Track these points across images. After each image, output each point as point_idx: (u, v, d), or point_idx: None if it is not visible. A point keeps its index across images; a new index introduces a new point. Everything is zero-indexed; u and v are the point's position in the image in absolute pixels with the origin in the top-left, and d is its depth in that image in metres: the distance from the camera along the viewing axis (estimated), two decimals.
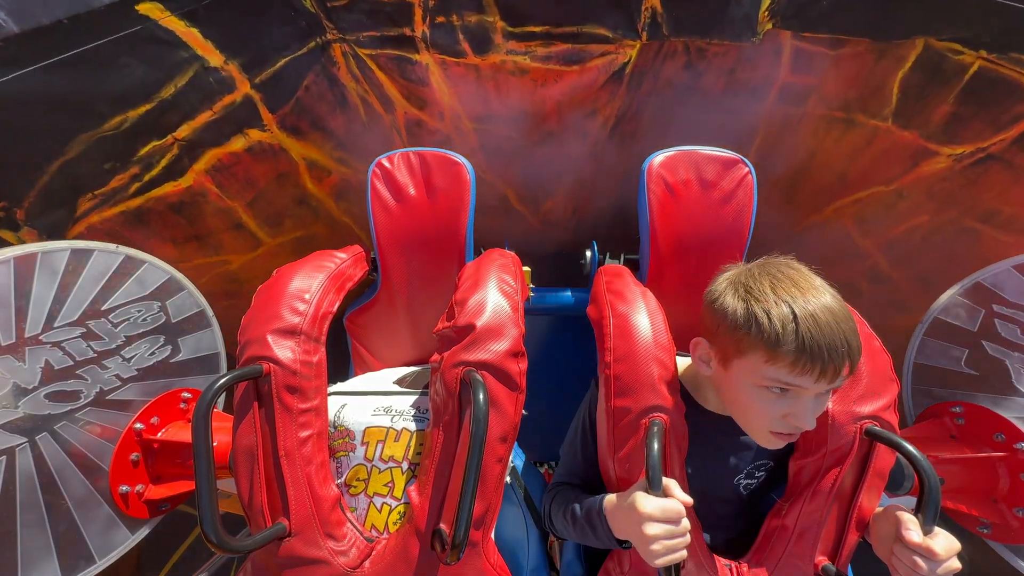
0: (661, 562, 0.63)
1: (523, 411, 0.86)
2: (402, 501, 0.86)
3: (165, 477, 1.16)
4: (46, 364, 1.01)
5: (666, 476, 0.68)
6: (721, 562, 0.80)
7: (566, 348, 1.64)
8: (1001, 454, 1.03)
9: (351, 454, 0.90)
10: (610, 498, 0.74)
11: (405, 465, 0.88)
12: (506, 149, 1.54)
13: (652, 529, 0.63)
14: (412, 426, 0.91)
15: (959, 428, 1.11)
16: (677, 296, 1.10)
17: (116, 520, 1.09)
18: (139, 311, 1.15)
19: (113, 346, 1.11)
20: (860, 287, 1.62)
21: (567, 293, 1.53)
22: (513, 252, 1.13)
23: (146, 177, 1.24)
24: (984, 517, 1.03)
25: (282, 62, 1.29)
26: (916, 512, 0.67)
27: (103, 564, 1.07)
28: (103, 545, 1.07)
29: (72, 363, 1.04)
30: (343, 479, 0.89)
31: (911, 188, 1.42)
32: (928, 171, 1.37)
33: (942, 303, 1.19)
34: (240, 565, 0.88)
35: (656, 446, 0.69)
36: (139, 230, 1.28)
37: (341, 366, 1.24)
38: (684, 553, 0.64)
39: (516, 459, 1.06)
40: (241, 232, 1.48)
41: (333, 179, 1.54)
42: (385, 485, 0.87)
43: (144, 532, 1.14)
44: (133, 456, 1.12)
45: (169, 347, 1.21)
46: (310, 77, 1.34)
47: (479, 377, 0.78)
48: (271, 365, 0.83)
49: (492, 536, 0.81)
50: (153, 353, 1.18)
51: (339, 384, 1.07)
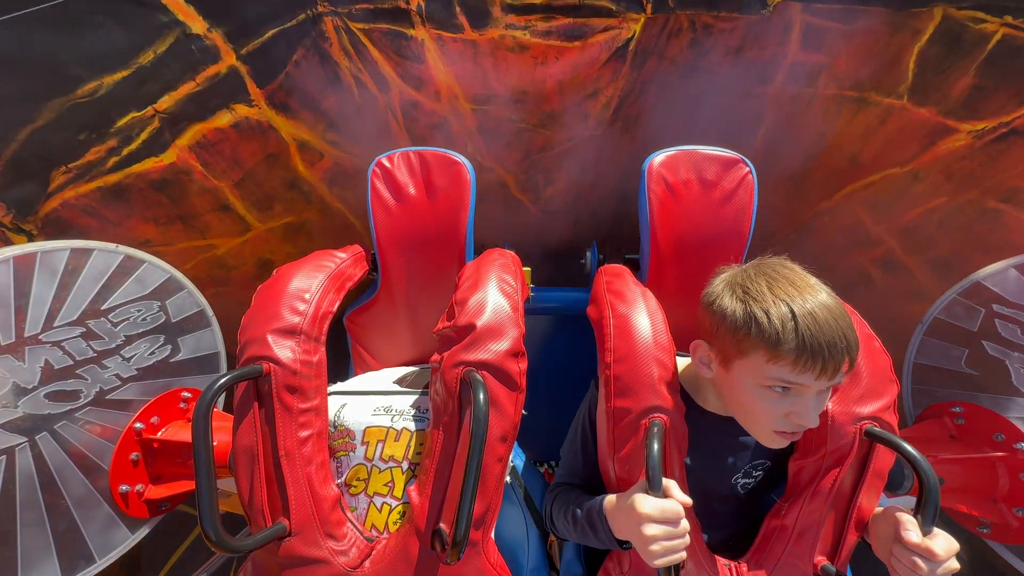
0: (660, 563, 0.63)
1: (523, 411, 0.86)
2: (402, 501, 0.86)
3: (165, 477, 1.16)
4: (46, 364, 1.01)
5: (666, 477, 0.68)
6: (720, 562, 0.80)
7: (566, 348, 1.64)
8: (1001, 454, 1.03)
9: (351, 454, 0.90)
10: (610, 499, 0.74)
11: (405, 465, 0.88)
12: (505, 132, 1.48)
13: (651, 530, 0.63)
14: (412, 426, 0.92)
15: (959, 428, 1.11)
16: (677, 296, 1.10)
17: (116, 520, 1.10)
18: (139, 310, 1.15)
19: (113, 345, 1.11)
20: (873, 275, 1.55)
21: (567, 293, 1.53)
22: (513, 252, 1.13)
23: (125, 151, 1.18)
24: (984, 517, 1.03)
25: (269, 34, 1.20)
26: (915, 513, 0.67)
27: (103, 564, 1.07)
28: (103, 545, 1.07)
29: (72, 363, 1.05)
30: (343, 479, 0.89)
31: (927, 168, 1.35)
32: (946, 150, 1.30)
33: (942, 303, 1.19)
34: (240, 565, 0.88)
35: (656, 447, 0.69)
36: (118, 208, 1.22)
37: (341, 366, 1.24)
38: (683, 554, 0.64)
39: (516, 459, 1.06)
40: (228, 215, 1.41)
41: (326, 163, 1.46)
42: (385, 485, 0.87)
43: (144, 532, 1.15)
44: (133, 456, 1.12)
45: (169, 347, 1.21)
46: (300, 52, 1.25)
47: (479, 377, 0.78)
48: (271, 365, 0.83)
49: (492, 536, 0.81)
50: (153, 352, 1.18)
51: (339, 384, 1.07)
